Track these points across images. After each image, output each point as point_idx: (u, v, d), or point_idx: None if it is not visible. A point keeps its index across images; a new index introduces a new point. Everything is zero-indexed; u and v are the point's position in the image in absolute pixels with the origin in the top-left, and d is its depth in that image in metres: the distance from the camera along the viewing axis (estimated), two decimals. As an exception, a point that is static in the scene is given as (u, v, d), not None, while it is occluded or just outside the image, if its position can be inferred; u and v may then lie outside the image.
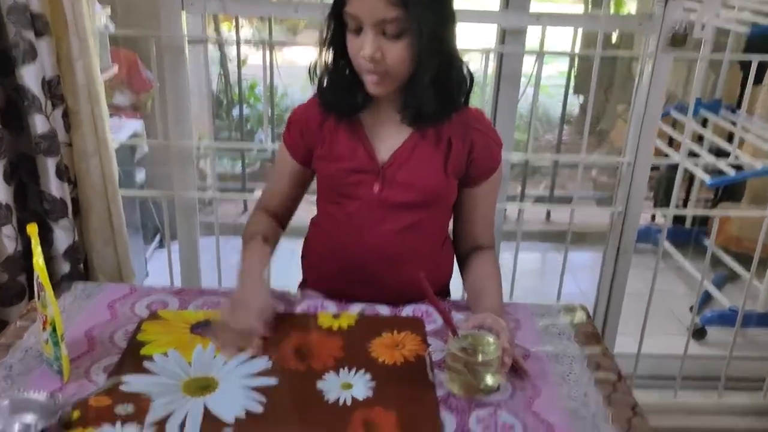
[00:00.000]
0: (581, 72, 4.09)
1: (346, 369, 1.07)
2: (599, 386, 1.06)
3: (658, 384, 2.07)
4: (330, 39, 1.15)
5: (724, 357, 2.03)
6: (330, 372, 1.07)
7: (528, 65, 1.91)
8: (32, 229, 1.01)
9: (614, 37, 3.86)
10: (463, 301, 1.30)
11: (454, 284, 1.39)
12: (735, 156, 2.26)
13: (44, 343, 1.03)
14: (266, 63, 1.81)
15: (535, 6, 1.67)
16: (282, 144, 1.31)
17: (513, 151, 1.81)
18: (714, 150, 2.58)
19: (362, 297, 1.27)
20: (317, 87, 1.21)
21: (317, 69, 1.20)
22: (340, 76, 1.18)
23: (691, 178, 3.23)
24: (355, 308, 1.26)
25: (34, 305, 1.06)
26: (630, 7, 4.48)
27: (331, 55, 1.17)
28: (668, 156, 2.36)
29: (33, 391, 0.95)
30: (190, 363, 1.08)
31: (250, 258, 1.22)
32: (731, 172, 2.27)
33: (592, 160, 2.49)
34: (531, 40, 1.73)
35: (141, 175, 2.86)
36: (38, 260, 0.99)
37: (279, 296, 1.28)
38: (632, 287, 1.91)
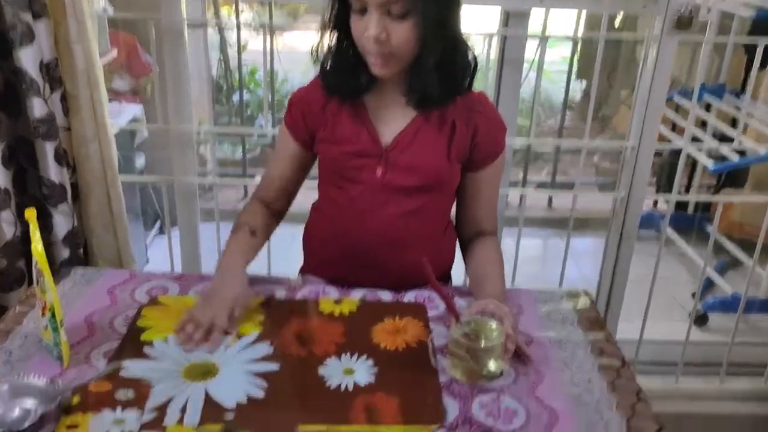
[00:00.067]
0: (584, 56, 4.06)
1: (348, 354, 1.07)
2: (603, 372, 1.05)
3: (660, 370, 2.06)
4: (333, 20, 1.14)
5: (726, 343, 2.02)
6: (332, 357, 1.06)
7: (530, 51, 1.89)
8: (30, 214, 1.00)
9: (617, 21, 3.83)
10: (465, 287, 1.30)
11: (455, 270, 1.38)
12: (739, 141, 2.25)
13: (44, 329, 1.03)
14: (266, 48, 1.79)
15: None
16: (282, 126, 1.29)
17: (515, 137, 1.80)
18: (717, 136, 2.57)
19: (364, 282, 1.26)
20: (320, 69, 1.19)
21: (320, 51, 1.18)
22: (344, 58, 1.16)
23: (694, 164, 3.21)
24: (357, 294, 1.25)
25: (34, 291, 1.05)
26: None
27: (335, 37, 1.16)
28: (671, 141, 2.34)
29: (33, 377, 0.95)
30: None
31: (233, 250, 1.21)
32: (735, 158, 2.25)
33: (596, 145, 2.48)
34: (534, 26, 1.71)
35: (141, 161, 2.85)
36: (37, 245, 0.98)
37: (279, 282, 1.27)
38: (634, 273, 1.90)
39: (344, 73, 1.17)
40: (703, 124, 2.72)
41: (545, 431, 0.92)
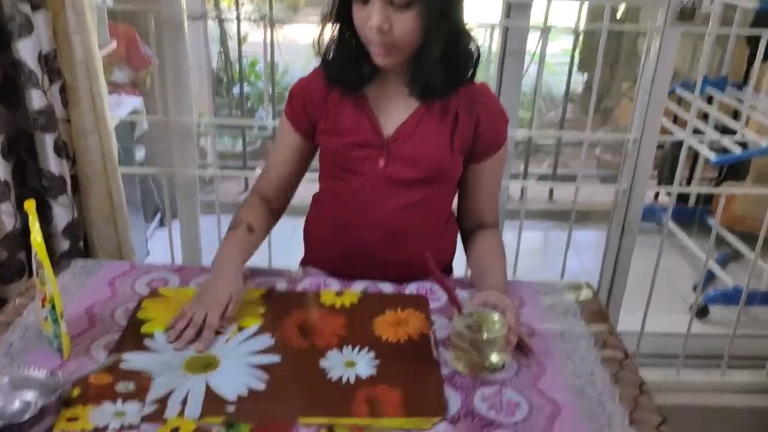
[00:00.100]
0: (585, 49, 4.04)
1: (350, 347, 1.06)
2: (606, 364, 1.05)
3: (661, 362, 2.06)
4: (336, 10, 1.13)
5: (727, 335, 2.02)
6: (333, 350, 1.06)
7: (532, 44, 1.88)
8: (30, 206, 0.99)
9: (620, 13, 3.81)
10: (467, 279, 1.29)
11: (456, 262, 1.38)
12: (742, 134, 2.24)
13: (44, 321, 1.02)
14: (267, 40, 1.78)
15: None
16: (283, 117, 1.28)
17: (517, 129, 1.79)
18: (719, 128, 2.55)
19: (365, 274, 1.26)
20: (322, 59, 1.19)
21: (321, 41, 1.17)
22: (346, 48, 1.15)
23: (695, 157, 3.20)
24: (358, 286, 1.24)
25: (34, 283, 1.05)
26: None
27: (337, 27, 1.15)
28: (672, 134, 2.33)
29: (33, 369, 0.94)
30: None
31: (229, 247, 1.20)
32: (737, 150, 2.24)
33: (598, 137, 2.47)
34: (535, 18, 1.70)
35: (141, 153, 2.84)
36: (36, 237, 0.98)
37: (280, 274, 1.27)
38: (634, 266, 1.89)
39: (346, 64, 1.16)
40: (705, 117, 2.71)
41: (548, 424, 0.91)
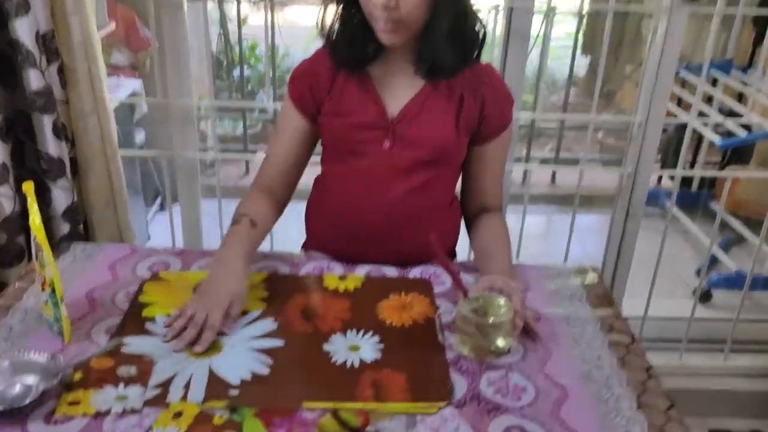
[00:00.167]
0: (589, 31, 4.00)
1: (354, 331, 1.05)
2: (612, 348, 1.04)
3: (665, 346, 2.06)
4: None
5: (730, 320, 2.01)
6: (337, 334, 1.05)
7: (535, 28, 1.86)
8: (28, 187, 0.98)
9: (625, -7, 3.77)
10: (471, 262, 1.28)
11: (459, 246, 1.36)
12: (748, 118, 2.21)
13: (44, 305, 1.01)
14: (267, 22, 1.75)
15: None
16: (286, 100, 1.25)
17: (521, 111, 1.77)
18: (724, 112, 2.53)
19: (368, 258, 1.24)
20: (326, 39, 1.16)
21: (324, 22, 1.15)
22: (350, 27, 1.13)
23: (699, 141, 3.18)
24: (362, 270, 1.23)
25: (33, 266, 1.03)
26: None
27: (341, 6, 1.13)
28: (677, 116, 2.31)
29: (34, 353, 0.93)
30: (194, 324, 1.05)
31: (232, 242, 1.14)
32: (742, 133, 2.22)
33: (602, 120, 2.44)
34: (538, 3, 1.67)
35: (140, 137, 2.82)
36: (35, 219, 0.96)
37: (282, 258, 1.25)
38: (637, 250, 1.88)
39: (351, 42, 1.14)
40: (709, 100, 2.68)
41: (554, 408, 0.91)
